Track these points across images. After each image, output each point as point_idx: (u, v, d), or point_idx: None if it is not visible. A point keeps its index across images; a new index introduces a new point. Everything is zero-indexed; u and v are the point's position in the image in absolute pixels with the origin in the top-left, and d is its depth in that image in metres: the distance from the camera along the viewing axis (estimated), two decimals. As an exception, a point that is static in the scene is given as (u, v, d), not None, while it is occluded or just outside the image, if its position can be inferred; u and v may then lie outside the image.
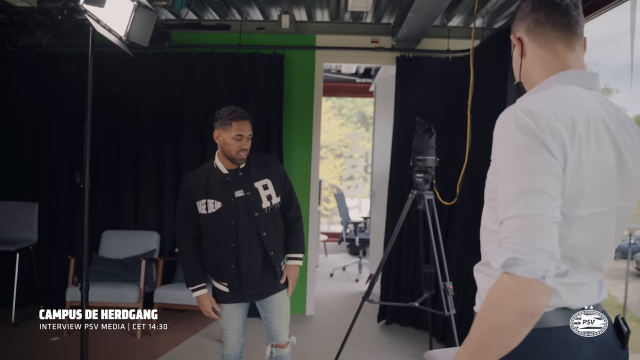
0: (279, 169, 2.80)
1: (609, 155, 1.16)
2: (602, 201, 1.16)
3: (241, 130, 2.63)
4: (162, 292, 4.29)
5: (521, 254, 0.98)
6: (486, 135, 3.86)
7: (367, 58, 5.01)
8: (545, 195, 1.03)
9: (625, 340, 1.23)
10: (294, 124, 4.93)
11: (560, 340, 1.14)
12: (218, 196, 2.67)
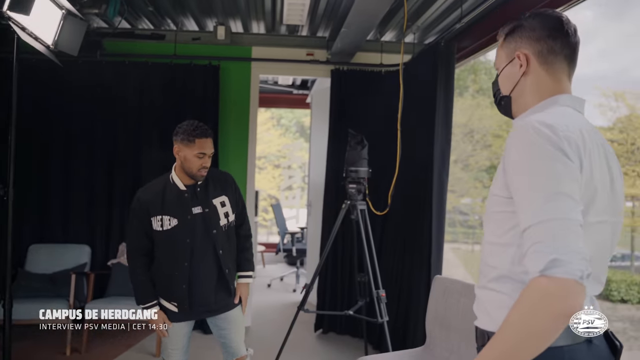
0: (234, 186, 2.78)
1: (605, 171, 1.24)
2: (603, 211, 1.22)
3: (204, 149, 2.55)
4: (94, 307, 4.15)
5: (560, 254, 1.00)
6: (415, 147, 4.02)
7: (302, 70, 5.09)
8: (570, 199, 1.06)
9: (619, 355, 1.27)
10: (230, 135, 4.93)
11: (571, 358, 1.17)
12: (174, 213, 2.59)
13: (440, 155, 3.85)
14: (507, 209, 1.19)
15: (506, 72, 1.39)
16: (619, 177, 1.30)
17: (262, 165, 20.26)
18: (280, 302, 6.05)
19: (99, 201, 4.78)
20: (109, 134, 4.77)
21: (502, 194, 1.20)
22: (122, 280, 4.48)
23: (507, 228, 1.21)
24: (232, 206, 2.71)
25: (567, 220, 1.04)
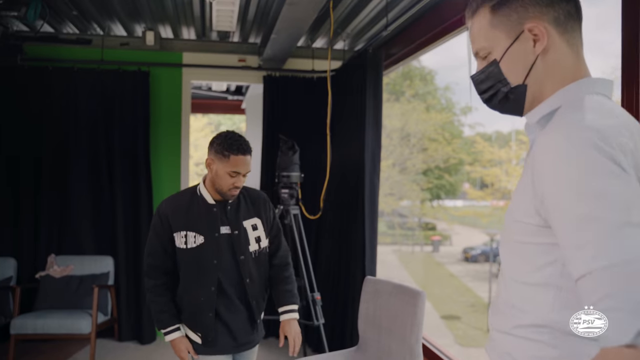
0: (269, 207, 2.46)
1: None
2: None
3: (239, 167, 2.23)
4: (21, 322, 4.00)
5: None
6: (347, 151, 4.10)
7: (234, 76, 5.09)
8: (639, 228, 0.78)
9: None
10: (161, 142, 4.86)
11: None
12: (201, 229, 2.29)
13: (371, 159, 3.94)
14: (540, 240, 0.94)
15: (513, 54, 1.04)
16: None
17: (201, 171, 20.03)
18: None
19: (24, 211, 4.60)
20: (33, 143, 4.60)
21: (532, 221, 0.94)
22: (51, 293, 4.34)
23: (541, 264, 0.95)
24: (266, 230, 2.40)
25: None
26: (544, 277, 0.94)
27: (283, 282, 2.44)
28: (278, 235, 2.50)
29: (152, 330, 4.69)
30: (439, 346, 3.69)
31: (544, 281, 0.94)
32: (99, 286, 4.11)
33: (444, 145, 23.10)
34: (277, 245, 2.49)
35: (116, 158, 4.66)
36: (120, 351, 4.44)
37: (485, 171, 22.58)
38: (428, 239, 25.43)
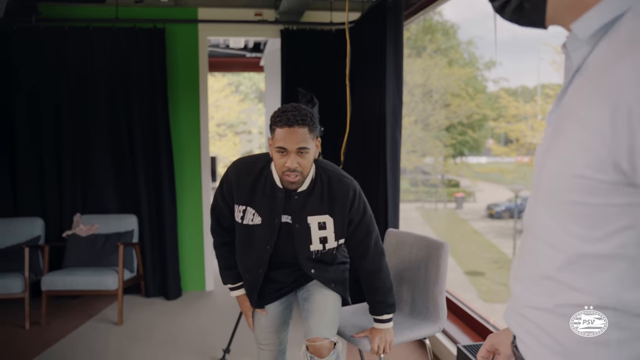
0: (354, 206, 2.07)
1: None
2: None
3: (284, 141, 1.90)
4: (50, 279, 4.10)
5: None
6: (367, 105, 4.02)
7: (251, 31, 5.00)
8: None
9: None
10: (180, 101, 4.84)
11: None
12: (261, 209, 2.07)
13: (392, 112, 3.87)
14: (615, 200, 0.70)
15: None
16: None
17: (223, 132, 20.09)
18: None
19: (48, 173, 4.66)
20: (53, 105, 4.62)
21: (605, 177, 0.69)
22: (78, 252, 4.43)
23: (612, 231, 0.72)
24: (337, 232, 2.08)
25: None
26: (615, 247, 0.72)
27: (374, 294, 2.16)
28: (366, 239, 2.12)
29: (177, 286, 4.78)
30: (463, 299, 3.68)
31: (614, 252, 0.72)
32: (123, 244, 4.18)
33: (467, 100, 22.70)
34: (364, 251, 2.13)
35: (135, 117, 4.65)
36: (147, 306, 4.54)
37: (509, 127, 22.16)
38: (451, 196, 25.28)
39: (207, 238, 4.99)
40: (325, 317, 2.11)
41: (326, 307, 2.14)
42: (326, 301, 2.16)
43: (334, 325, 2.13)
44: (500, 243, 19.26)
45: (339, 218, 2.05)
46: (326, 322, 2.10)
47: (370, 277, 2.15)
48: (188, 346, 3.69)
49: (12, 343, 3.76)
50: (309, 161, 1.95)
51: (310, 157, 1.95)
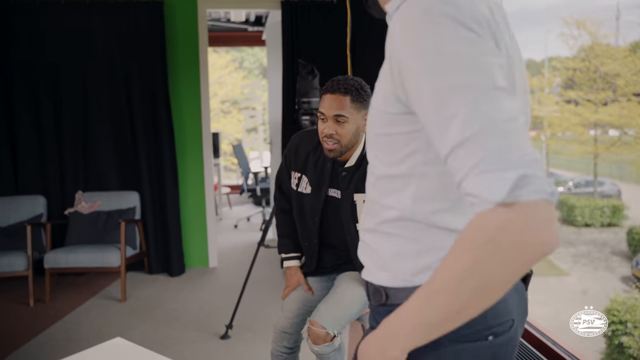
0: None
1: (517, 52, 0.93)
2: (525, 105, 0.94)
3: (324, 107, 1.93)
4: (53, 256, 4.08)
5: (526, 168, 0.68)
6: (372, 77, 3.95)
7: (251, 3, 4.90)
8: (506, 93, 0.74)
9: (527, 281, 1.06)
10: (180, 77, 4.76)
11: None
12: (312, 178, 2.10)
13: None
14: (402, 129, 0.86)
15: None
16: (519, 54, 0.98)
17: (227, 109, 19.96)
18: (246, 242, 6.05)
19: (49, 151, 4.63)
20: (53, 82, 4.57)
21: (392, 109, 0.86)
22: (80, 229, 4.41)
23: (404, 155, 0.88)
24: None
25: (514, 120, 0.71)
26: (408, 168, 0.88)
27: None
28: None
29: (180, 263, 4.76)
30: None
31: (407, 172, 0.88)
32: (125, 220, 4.15)
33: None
34: None
35: (135, 94, 4.59)
36: (151, 283, 4.54)
37: (516, 100, 21.90)
38: (457, 172, 25.21)
39: (210, 214, 4.96)
40: (337, 310, 2.05)
41: (343, 300, 2.08)
42: (348, 295, 2.09)
43: (341, 321, 2.05)
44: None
45: None
46: (334, 314, 2.04)
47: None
48: (191, 322, 3.68)
49: (17, 320, 3.77)
50: (348, 131, 1.93)
51: (349, 127, 1.93)
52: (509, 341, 0.90)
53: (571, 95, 18.13)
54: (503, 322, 0.89)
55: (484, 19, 0.80)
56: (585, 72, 17.59)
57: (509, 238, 0.67)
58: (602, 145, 17.69)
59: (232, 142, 12.40)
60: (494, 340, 0.88)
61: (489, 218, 0.69)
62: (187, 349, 3.28)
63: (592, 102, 17.16)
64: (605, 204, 16.59)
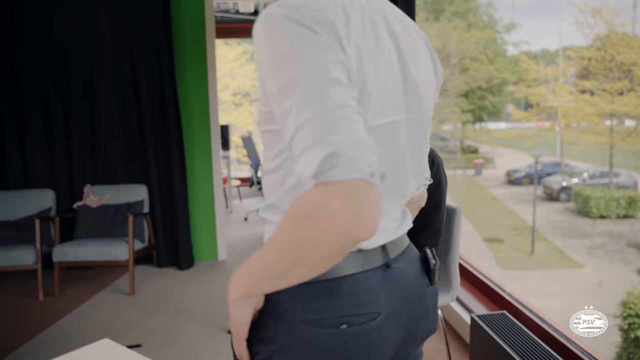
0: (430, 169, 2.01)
1: (390, 55, 0.93)
2: (390, 110, 0.93)
3: None
4: (62, 250, 4.08)
5: (339, 147, 0.69)
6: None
7: (259, -7, 4.83)
8: (340, 84, 0.77)
9: (432, 274, 1.06)
10: (187, 69, 4.72)
11: (353, 290, 0.92)
12: None
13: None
14: (273, 127, 0.92)
15: None
16: (414, 60, 0.98)
17: (239, 101, 19.95)
18: (256, 234, 6.03)
19: (57, 144, 4.62)
20: (61, 75, 4.55)
21: (264, 108, 0.91)
22: (88, 223, 4.41)
23: (277, 151, 0.94)
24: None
25: (344, 107, 0.74)
26: (278, 163, 0.94)
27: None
28: (434, 211, 2.03)
29: (189, 256, 4.75)
30: (478, 267, 3.58)
31: (278, 166, 0.94)
32: (133, 214, 4.14)
33: (486, 64, 22.22)
34: (427, 223, 2.04)
35: (142, 87, 4.56)
36: (159, 276, 4.52)
37: (530, 91, 21.64)
38: (470, 163, 25.00)
39: (219, 207, 4.93)
40: None
41: None
42: None
43: None
44: (520, 209, 19.04)
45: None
46: None
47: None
48: (199, 316, 3.66)
49: (26, 313, 3.77)
50: None
51: None
52: (368, 333, 0.92)
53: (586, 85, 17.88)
54: (362, 314, 0.91)
55: (329, 21, 0.83)
56: (600, 62, 17.33)
57: (322, 217, 0.68)
58: (617, 135, 17.44)
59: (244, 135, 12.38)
60: (346, 329, 0.89)
61: (307, 195, 0.70)
62: (194, 343, 3.25)
63: (608, 92, 16.91)
64: (621, 195, 16.40)
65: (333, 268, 0.90)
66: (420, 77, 1.00)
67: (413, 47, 0.99)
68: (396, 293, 0.97)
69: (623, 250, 14.43)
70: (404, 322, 1.00)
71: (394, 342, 0.99)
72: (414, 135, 1.01)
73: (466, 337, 3.04)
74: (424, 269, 1.06)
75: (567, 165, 21.58)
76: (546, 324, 2.68)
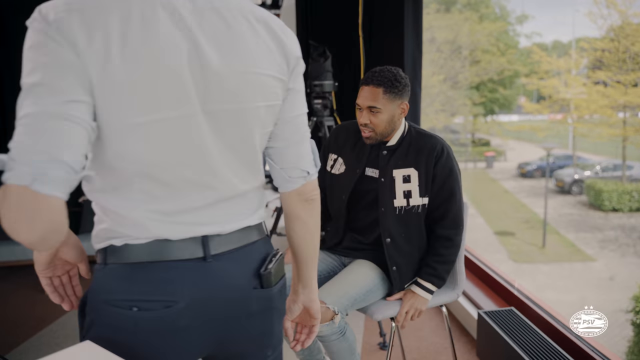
0: (437, 161, 2.00)
1: (172, 48, 0.89)
2: (168, 103, 0.90)
3: (360, 98, 1.99)
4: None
5: (12, 156, 0.77)
6: (384, 57, 3.81)
7: (265, -16, 4.77)
8: (51, 90, 0.81)
9: (262, 280, 1.06)
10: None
11: (150, 277, 0.95)
12: (347, 158, 2.14)
13: (411, 65, 3.64)
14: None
15: None
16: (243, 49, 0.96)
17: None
18: (263, 229, 5.99)
19: None
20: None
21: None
22: (94, 217, 4.39)
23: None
24: (422, 187, 2.01)
25: (42, 114, 0.79)
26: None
27: (431, 257, 2.05)
28: (449, 201, 2.02)
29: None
30: (487, 262, 3.52)
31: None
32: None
33: (498, 56, 22.00)
34: (443, 213, 2.03)
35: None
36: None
37: (542, 83, 21.43)
38: (481, 155, 24.83)
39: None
40: (339, 286, 2.00)
41: (347, 278, 2.03)
42: (353, 275, 2.05)
43: (342, 298, 1.96)
44: (532, 202, 18.89)
45: (423, 171, 2.01)
46: (335, 290, 1.97)
47: (439, 242, 2.05)
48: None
49: (32, 307, 3.77)
50: (381, 120, 1.99)
51: (382, 117, 1.98)
52: (161, 320, 0.95)
53: (599, 76, 17.67)
54: (155, 300, 0.94)
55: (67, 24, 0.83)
56: (614, 53, 17.11)
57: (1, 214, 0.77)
58: (631, 127, 17.22)
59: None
60: (137, 312, 0.94)
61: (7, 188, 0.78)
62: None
63: (622, 84, 16.70)
64: (634, 188, 16.23)
65: (135, 254, 0.95)
66: (236, 67, 0.95)
67: (228, 36, 0.94)
68: (207, 288, 0.98)
69: (635, 243, 14.28)
70: (216, 321, 1.01)
71: (202, 336, 1.01)
72: (229, 128, 0.98)
73: (473, 333, 2.99)
74: (256, 273, 1.06)
75: (579, 158, 21.38)
76: (555, 320, 2.61)
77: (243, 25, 0.96)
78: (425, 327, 3.22)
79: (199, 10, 0.92)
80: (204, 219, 1.00)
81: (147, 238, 0.96)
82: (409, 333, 3.13)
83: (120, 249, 0.98)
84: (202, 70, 0.92)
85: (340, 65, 4.07)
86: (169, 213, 0.97)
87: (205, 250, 0.99)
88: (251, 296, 1.05)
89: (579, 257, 13.83)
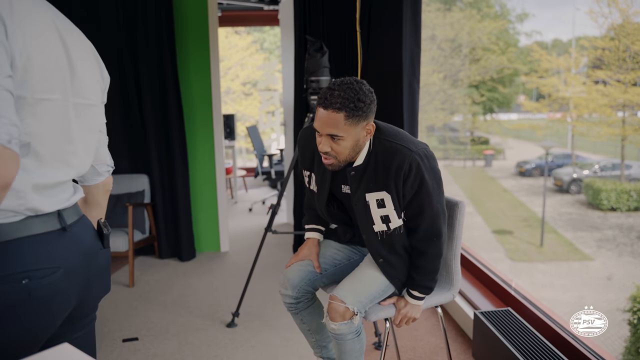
0: (405, 180, 1.83)
1: (55, 45, 1.14)
2: (54, 89, 1.12)
3: (317, 123, 1.78)
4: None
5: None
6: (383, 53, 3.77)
7: (263, -21, 4.72)
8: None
9: (105, 240, 1.31)
10: (190, 57, 4.62)
11: (33, 249, 1.08)
12: (317, 178, 2.04)
13: (409, 61, 3.60)
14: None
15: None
16: (80, 59, 1.24)
17: (248, 90, 19.85)
18: (260, 225, 5.95)
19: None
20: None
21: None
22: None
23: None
24: (397, 209, 1.88)
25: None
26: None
27: (413, 269, 1.99)
28: (417, 218, 1.90)
29: (191, 247, 4.68)
30: (484, 261, 3.48)
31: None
32: (133, 204, 4.06)
33: (498, 54, 21.93)
34: (414, 228, 1.93)
35: (143, 74, 4.46)
36: (160, 268, 4.47)
37: (542, 81, 21.34)
38: (480, 154, 24.75)
39: (222, 197, 4.86)
40: (358, 285, 1.96)
41: (364, 277, 1.99)
42: (369, 274, 2.00)
43: (361, 297, 1.93)
44: (530, 201, 18.83)
45: (393, 192, 1.86)
46: (354, 289, 1.94)
47: (414, 253, 1.98)
48: (198, 309, 3.60)
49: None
50: (345, 147, 1.80)
51: (346, 144, 1.79)
52: (49, 286, 1.08)
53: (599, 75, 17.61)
54: (42, 268, 1.07)
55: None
56: (614, 52, 17.04)
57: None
58: (630, 127, 17.17)
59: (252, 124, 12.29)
60: (29, 282, 1.05)
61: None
62: (191, 336, 3.19)
63: (622, 83, 16.65)
64: (633, 187, 16.19)
65: (15, 231, 1.05)
66: (86, 73, 1.26)
67: (81, 48, 1.26)
68: (74, 252, 1.17)
69: (633, 243, 14.24)
70: (82, 280, 1.19)
71: (74, 297, 1.17)
72: (82, 119, 1.26)
73: (470, 334, 2.96)
74: (98, 235, 1.31)
75: (578, 157, 21.33)
76: (552, 321, 2.58)
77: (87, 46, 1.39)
78: (420, 327, 3.19)
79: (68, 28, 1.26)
80: (60, 195, 1.19)
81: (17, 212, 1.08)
82: (404, 333, 3.10)
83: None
84: (72, 70, 1.23)
85: (337, 61, 4.03)
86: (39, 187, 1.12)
87: (63, 221, 1.16)
88: (100, 255, 1.28)
89: (576, 256, 13.80)
